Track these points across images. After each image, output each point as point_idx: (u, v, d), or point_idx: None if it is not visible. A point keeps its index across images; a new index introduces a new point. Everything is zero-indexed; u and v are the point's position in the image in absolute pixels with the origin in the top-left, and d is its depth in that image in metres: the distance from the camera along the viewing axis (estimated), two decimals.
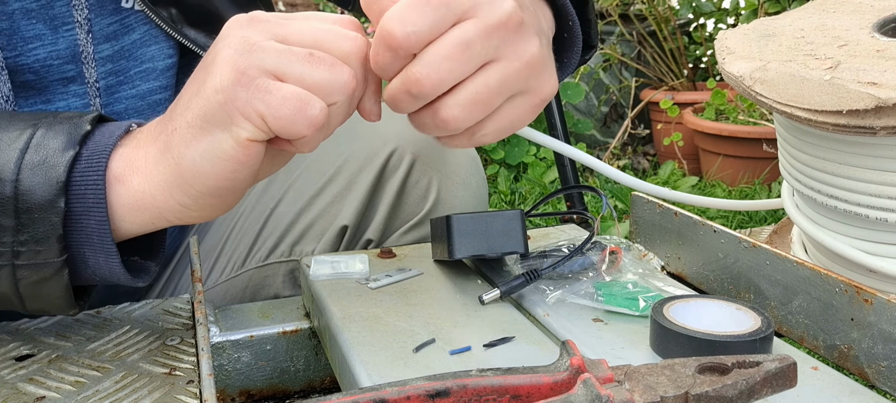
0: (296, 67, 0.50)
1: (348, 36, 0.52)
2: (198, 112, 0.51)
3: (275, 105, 0.49)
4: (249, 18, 0.52)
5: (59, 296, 0.55)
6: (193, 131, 0.52)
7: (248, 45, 0.50)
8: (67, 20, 0.76)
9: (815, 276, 0.59)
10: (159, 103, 0.84)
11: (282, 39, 0.51)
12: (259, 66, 0.50)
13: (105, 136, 0.55)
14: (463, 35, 0.50)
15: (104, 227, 0.54)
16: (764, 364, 0.43)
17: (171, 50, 0.83)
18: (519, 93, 0.54)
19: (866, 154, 0.59)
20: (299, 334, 0.71)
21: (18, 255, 0.53)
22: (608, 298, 0.63)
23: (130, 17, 0.80)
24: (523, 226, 0.67)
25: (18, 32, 0.74)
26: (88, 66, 0.78)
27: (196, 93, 0.52)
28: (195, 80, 0.53)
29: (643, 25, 3.02)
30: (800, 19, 0.72)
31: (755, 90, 0.63)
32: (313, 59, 0.50)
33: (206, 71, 0.52)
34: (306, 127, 0.50)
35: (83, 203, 0.53)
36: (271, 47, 0.50)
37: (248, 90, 0.49)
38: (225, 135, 0.51)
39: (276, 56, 0.50)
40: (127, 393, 0.53)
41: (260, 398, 0.71)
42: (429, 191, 0.88)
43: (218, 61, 0.51)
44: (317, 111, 0.50)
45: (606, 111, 3.11)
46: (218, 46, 0.52)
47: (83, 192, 0.53)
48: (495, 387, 0.44)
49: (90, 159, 0.54)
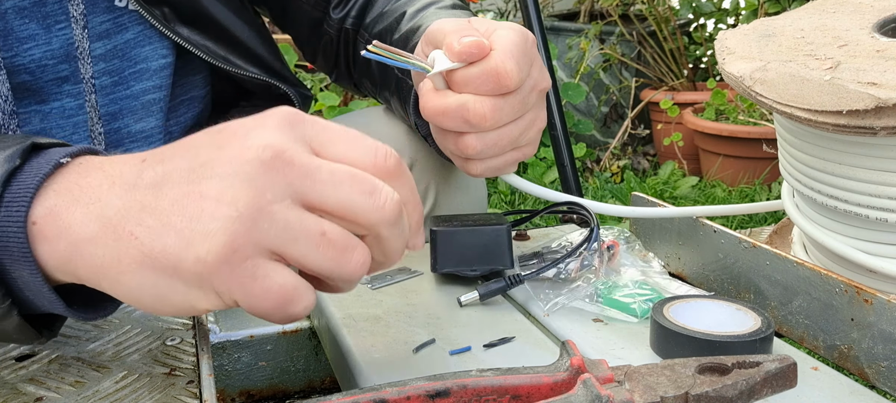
0: (301, 248, 0.44)
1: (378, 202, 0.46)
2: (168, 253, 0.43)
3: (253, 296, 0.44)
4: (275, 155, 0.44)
5: (19, 332, 0.50)
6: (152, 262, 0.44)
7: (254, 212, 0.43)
8: (60, 19, 0.76)
9: (815, 276, 0.59)
10: (153, 103, 0.84)
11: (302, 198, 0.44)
12: (258, 242, 0.43)
13: (30, 176, 0.47)
14: (523, 91, 0.63)
15: (37, 278, 0.47)
16: (764, 364, 0.43)
17: (166, 50, 0.83)
18: (519, 147, 0.67)
19: (866, 154, 0.59)
20: (299, 334, 0.71)
21: None
22: (608, 302, 0.63)
23: (124, 17, 0.80)
24: (509, 241, 0.67)
25: (13, 33, 0.74)
26: (84, 63, 0.78)
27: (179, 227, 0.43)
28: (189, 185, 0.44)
29: (643, 25, 3.02)
30: (800, 19, 0.72)
31: (755, 90, 0.63)
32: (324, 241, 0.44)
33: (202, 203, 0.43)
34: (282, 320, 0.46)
35: (10, 255, 0.46)
36: (281, 217, 0.43)
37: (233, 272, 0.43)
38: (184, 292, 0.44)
39: (282, 231, 0.43)
40: (127, 393, 0.53)
41: (260, 398, 0.71)
42: (427, 195, 0.88)
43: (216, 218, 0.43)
44: (299, 308, 0.45)
45: (606, 111, 3.11)
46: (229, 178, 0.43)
47: (5, 244, 0.46)
48: (495, 387, 0.44)
49: (10, 207, 0.46)
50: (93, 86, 0.79)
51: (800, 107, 0.59)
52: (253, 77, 0.87)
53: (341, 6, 0.94)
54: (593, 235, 0.67)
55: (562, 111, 1.18)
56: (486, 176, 0.69)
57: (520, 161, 0.69)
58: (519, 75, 0.61)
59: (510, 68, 0.60)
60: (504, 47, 0.61)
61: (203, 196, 0.44)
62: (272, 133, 0.45)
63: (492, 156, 0.66)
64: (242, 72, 0.87)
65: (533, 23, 1.21)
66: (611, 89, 3.06)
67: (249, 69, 0.87)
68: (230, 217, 0.43)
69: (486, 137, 0.64)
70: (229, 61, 0.86)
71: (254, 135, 0.45)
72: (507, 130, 0.64)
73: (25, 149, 0.48)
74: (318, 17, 0.95)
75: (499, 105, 0.62)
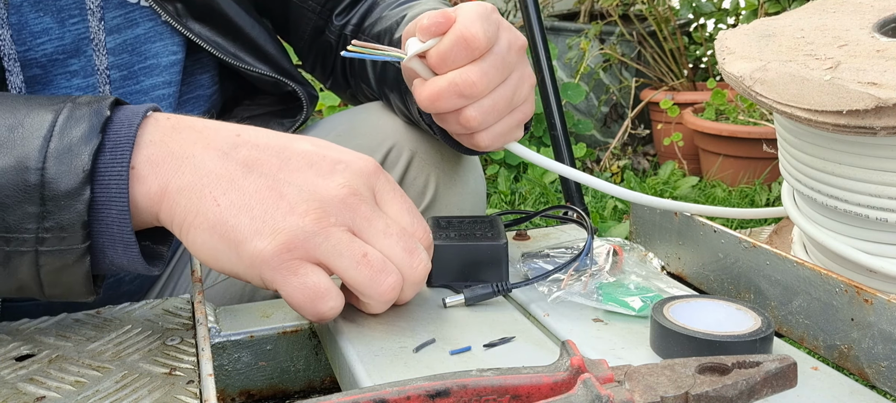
0: (344, 262, 0.53)
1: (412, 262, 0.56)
2: (235, 230, 0.52)
3: (290, 287, 0.53)
4: (353, 192, 0.54)
5: (79, 282, 0.55)
6: (222, 230, 0.53)
7: (316, 228, 0.52)
8: (73, 12, 0.76)
9: (815, 276, 0.59)
10: (163, 98, 0.84)
11: (357, 230, 0.54)
12: (308, 251, 0.52)
13: (125, 126, 0.55)
14: (500, 50, 0.65)
15: (125, 217, 0.54)
16: (764, 364, 0.43)
17: (176, 46, 0.84)
18: (516, 107, 0.69)
19: (866, 154, 0.59)
20: (299, 334, 0.71)
21: (43, 242, 0.53)
22: (607, 298, 0.63)
23: (135, 12, 0.81)
24: (506, 258, 0.67)
25: (27, 27, 0.74)
26: (99, 54, 0.78)
27: (255, 215, 0.52)
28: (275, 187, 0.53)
29: (643, 25, 3.02)
30: (800, 19, 0.72)
31: (755, 90, 0.63)
32: (364, 261, 0.54)
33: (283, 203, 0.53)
34: (311, 316, 0.55)
35: (106, 193, 0.53)
36: (335, 237, 0.53)
37: (280, 266, 0.52)
38: (237, 263, 0.53)
39: (332, 247, 0.53)
40: (127, 393, 0.53)
41: (260, 398, 0.71)
42: (426, 188, 0.88)
43: (287, 221, 0.52)
44: (326, 309, 0.54)
45: (606, 111, 3.11)
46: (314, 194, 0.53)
47: (107, 183, 0.53)
48: (495, 387, 0.44)
49: (114, 151, 0.54)
50: (107, 78, 0.79)
51: (800, 107, 0.59)
52: (262, 74, 0.88)
53: (344, 13, 0.95)
54: (586, 246, 0.67)
55: (562, 111, 1.18)
56: (496, 146, 0.71)
57: (522, 122, 0.72)
58: (485, 34, 0.64)
59: (476, 30, 0.63)
60: (465, 14, 0.65)
61: (282, 196, 0.53)
62: (354, 177, 0.55)
63: (494, 122, 0.68)
64: (252, 69, 0.87)
65: (533, 23, 1.20)
66: (611, 89, 3.05)
67: (259, 66, 0.88)
68: (296, 226, 0.52)
69: (483, 104, 0.66)
70: (239, 58, 0.86)
71: (340, 171, 0.55)
72: (500, 92, 0.67)
73: (111, 103, 0.55)
74: (321, 25, 0.96)
75: (483, 69, 0.65)
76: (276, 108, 0.94)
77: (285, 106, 0.93)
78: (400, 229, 0.56)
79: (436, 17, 0.64)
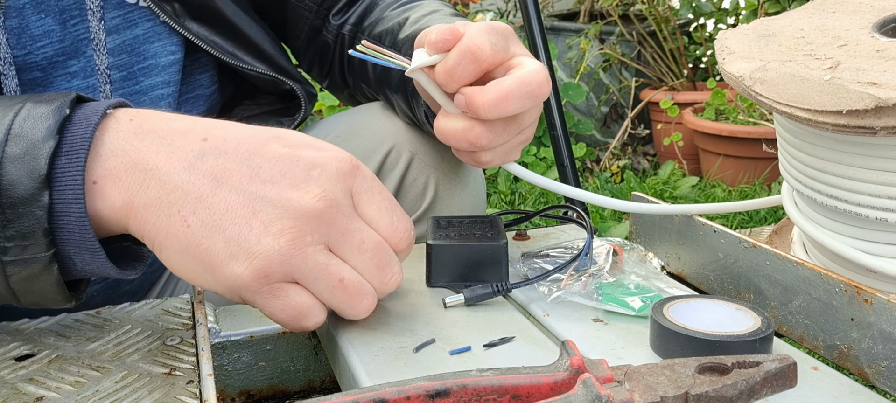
0: (320, 287, 0.53)
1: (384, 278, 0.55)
2: (211, 252, 0.51)
3: (272, 309, 0.53)
4: (330, 204, 0.52)
5: (52, 290, 0.53)
6: (196, 251, 0.51)
7: (292, 250, 0.51)
8: (74, 13, 0.76)
9: (815, 276, 0.59)
10: (162, 98, 0.84)
11: (333, 246, 0.53)
12: (286, 273, 0.51)
13: (82, 126, 0.52)
14: None
15: (84, 224, 0.51)
16: (764, 364, 0.43)
17: (175, 47, 0.84)
18: (523, 129, 0.69)
19: (866, 154, 0.59)
20: (299, 334, 0.71)
21: (6, 251, 0.51)
22: (607, 298, 0.63)
23: (134, 13, 0.81)
24: (506, 258, 0.67)
25: (28, 31, 0.74)
26: (99, 54, 0.78)
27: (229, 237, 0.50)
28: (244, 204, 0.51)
29: (643, 25, 3.02)
30: (800, 19, 0.72)
31: (755, 90, 0.63)
32: (340, 286, 0.53)
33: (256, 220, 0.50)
34: (295, 330, 0.55)
35: (63, 199, 0.51)
36: (312, 259, 0.51)
37: (260, 290, 0.51)
38: (213, 284, 0.53)
39: (309, 271, 0.52)
40: (127, 393, 0.53)
41: (260, 398, 0.71)
42: (426, 189, 0.88)
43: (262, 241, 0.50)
44: (310, 324, 0.54)
45: (606, 111, 3.11)
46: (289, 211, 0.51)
47: (63, 188, 0.51)
48: (495, 387, 0.44)
49: (69, 154, 0.51)
50: (108, 78, 0.79)
51: (800, 107, 0.59)
52: (260, 73, 0.88)
53: (341, 12, 0.95)
54: (586, 246, 0.67)
55: (562, 111, 1.18)
56: (496, 164, 0.71)
57: (524, 144, 0.72)
58: (492, 48, 0.63)
59: (482, 41, 0.63)
60: (473, 28, 0.65)
61: (255, 214, 0.50)
62: (330, 183, 0.52)
63: (500, 145, 0.68)
64: (250, 68, 0.87)
65: (533, 23, 1.20)
66: (611, 89, 3.06)
67: (257, 65, 0.88)
68: (272, 249, 0.50)
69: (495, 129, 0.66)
70: (237, 57, 0.87)
71: (315, 179, 0.52)
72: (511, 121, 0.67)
73: (72, 100, 0.52)
74: (318, 25, 0.96)
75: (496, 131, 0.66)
76: (276, 107, 0.94)
77: (284, 104, 0.93)
78: (375, 243, 0.54)
79: (444, 33, 0.63)
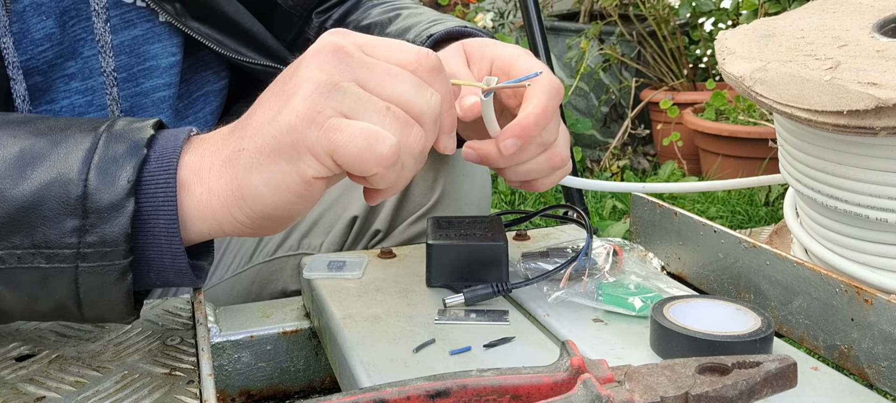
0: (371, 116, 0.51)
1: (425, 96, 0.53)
2: (268, 141, 0.51)
3: (343, 141, 0.50)
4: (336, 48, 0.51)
5: (120, 302, 0.54)
6: (260, 157, 0.51)
7: (329, 85, 0.50)
8: (72, 15, 0.76)
9: (815, 276, 0.59)
10: (163, 100, 0.84)
11: (363, 84, 0.51)
12: (334, 107, 0.50)
13: (170, 140, 0.55)
14: None
15: (173, 227, 0.53)
16: (764, 364, 0.43)
17: (175, 48, 0.84)
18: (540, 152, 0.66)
19: (866, 154, 0.59)
20: (299, 334, 0.71)
21: (84, 257, 0.51)
22: (608, 298, 0.63)
23: (132, 13, 0.81)
24: (506, 259, 0.67)
25: (28, 35, 0.74)
26: (105, 56, 0.78)
27: (270, 121, 0.51)
28: (271, 103, 0.52)
29: (643, 25, 3.02)
30: (800, 20, 0.72)
31: (755, 90, 0.63)
32: (389, 113, 0.51)
33: (284, 98, 0.51)
34: (375, 163, 0.50)
35: (152, 203, 0.53)
36: (351, 91, 0.50)
37: (320, 129, 0.50)
38: (291, 169, 0.51)
39: (354, 102, 0.50)
40: (127, 393, 0.53)
41: (260, 398, 0.71)
42: (435, 183, 0.89)
43: (297, 95, 0.50)
44: (386, 148, 0.50)
45: (606, 111, 3.11)
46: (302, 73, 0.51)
47: (153, 192, 0.53)
48: (495, 387, 0.44)
49: (159, 161, 0.53)
50: (114, 80, 0.79)
51: (800, 107, 0.59)
52: (265, 67, 0.88)
53: (324, 11, 0.96)
54: (585, 246, 0.67)
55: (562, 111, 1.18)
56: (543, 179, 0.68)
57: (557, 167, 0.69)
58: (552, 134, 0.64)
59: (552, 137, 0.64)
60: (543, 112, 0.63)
61: (285, 93, 0.51)
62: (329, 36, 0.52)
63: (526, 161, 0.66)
64: (255, 62, 0.88)
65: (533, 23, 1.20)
66: (611, 89, 3.05)
67: (261, 60, 0.88)
68: (308, 90, 0.50)
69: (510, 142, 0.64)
70: (241, 53, 0.87)
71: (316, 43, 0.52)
72: None
73: (155, 123, 0.56)
74: (302, 27, 0.96)
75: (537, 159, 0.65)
76: None
77: None
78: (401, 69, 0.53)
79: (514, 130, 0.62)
